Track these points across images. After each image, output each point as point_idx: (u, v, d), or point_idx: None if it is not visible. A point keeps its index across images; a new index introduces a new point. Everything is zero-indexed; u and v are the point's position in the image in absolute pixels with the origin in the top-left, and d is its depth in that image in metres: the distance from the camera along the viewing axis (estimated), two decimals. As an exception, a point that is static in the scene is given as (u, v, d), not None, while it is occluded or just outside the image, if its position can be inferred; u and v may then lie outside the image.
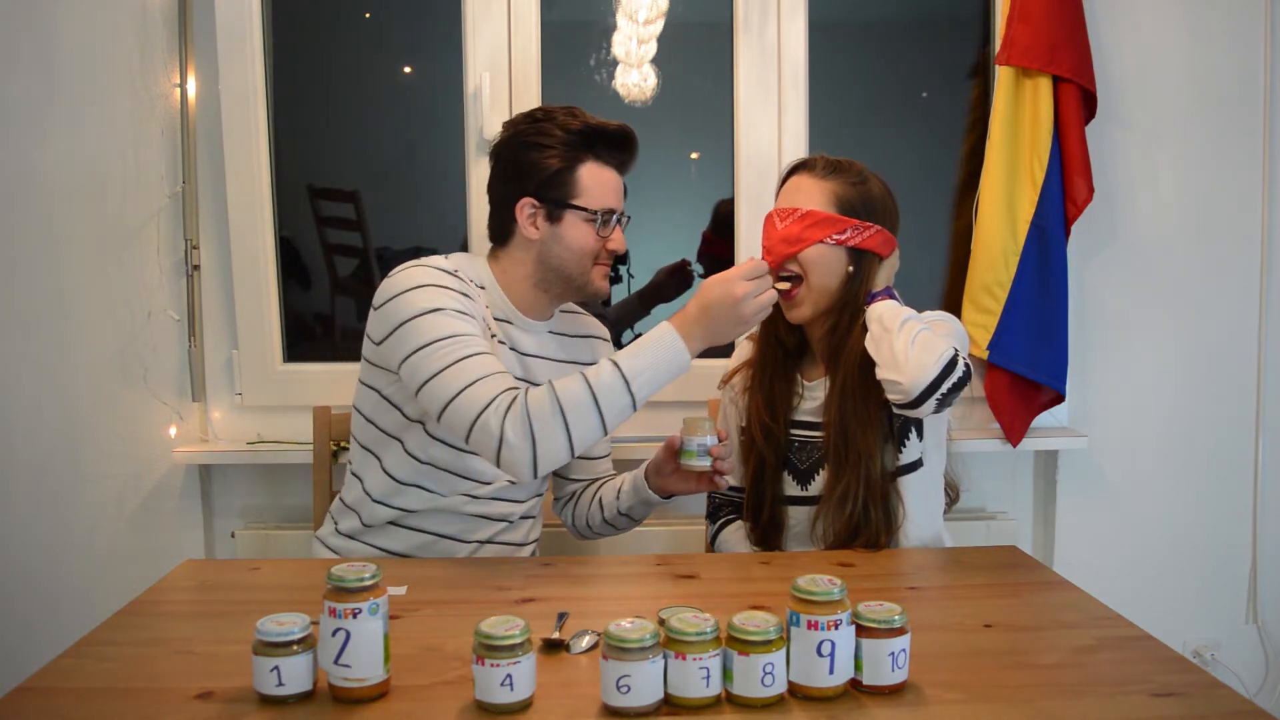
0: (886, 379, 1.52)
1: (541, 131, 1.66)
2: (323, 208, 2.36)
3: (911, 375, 1.48)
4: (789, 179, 1.72)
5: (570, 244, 1.68)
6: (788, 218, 1.65)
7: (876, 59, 2.50)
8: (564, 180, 1.66)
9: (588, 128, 1.67)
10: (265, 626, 1.08)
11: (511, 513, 1.74)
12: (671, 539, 2.19)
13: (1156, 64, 2.28)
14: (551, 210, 1.67)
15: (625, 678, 1.04)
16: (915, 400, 1.49)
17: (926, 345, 1.51)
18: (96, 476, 2.22)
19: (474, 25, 2.19)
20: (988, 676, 1.16)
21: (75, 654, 1.22)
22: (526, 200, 1.67)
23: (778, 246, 1.65)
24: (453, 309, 1.55)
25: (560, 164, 1.66)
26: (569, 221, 1.67)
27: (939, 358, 1.49)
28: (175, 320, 2.22)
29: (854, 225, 1.64)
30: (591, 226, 1.67)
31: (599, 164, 1.68)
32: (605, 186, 1.68)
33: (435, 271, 1.60)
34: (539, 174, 1.66)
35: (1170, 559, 2.37)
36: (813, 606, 1.08)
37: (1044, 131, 2.13)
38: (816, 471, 1.69)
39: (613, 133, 1.69)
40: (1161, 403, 2.36)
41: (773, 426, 1.71)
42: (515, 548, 1.77)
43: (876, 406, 1.61)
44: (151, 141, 2.17)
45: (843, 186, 1.66)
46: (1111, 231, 2.32)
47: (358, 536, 1.71)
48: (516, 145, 1.68)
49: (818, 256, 1.64)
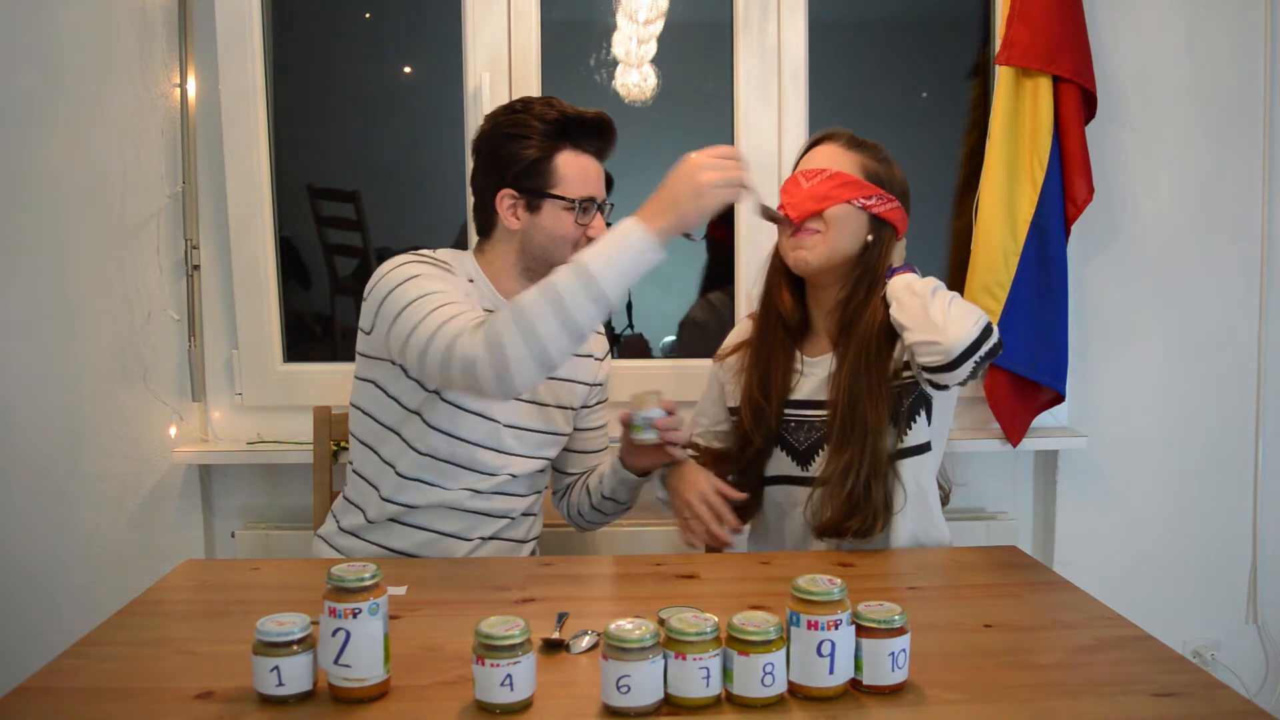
0: (922, 341, 1.51)
1: (518, 123, 1.67)
2: (323, 208, 2.36)
3: (952, 335, 1.48)
4: (815, 147, 1.72)
5: (551, 233, 1.68)
6: (814, 177, 1.66)
7: (876, 59, 2.50)
8: (542, 170, 1.66)
9: (564, 117, 1.67)
10: (265, 626, 1.08)
11: (513, 509, 1.74)
12: (671, 539, 2.19)
13: (1156, 64, 2.28)
14: (531, 200, 1.67)
15: (625, 678, 1.04)
16: (954, 362, 1.49)
17: (964, 307, 1.53)
18: (96, 476, 2.22)
19: (474, 25, 2.19)
20: (988, 676, 1.16)
21: (75, 654, 1.22)
22: (506, 191, 1.67)
23: (804, 203, 1.65)
24: (429, 274, 1.59)
25: (537, 153, 1.66)
26: (548, 210, 1.67)
27: (977, 320, 1.50)
28: (175, 320, 2.22)
29: (879, 194, 1.66)
30: (571, 215, 1.67)
31: (577, 152, 1.68)
32: (584, 174, 1.68)
33: (414, 256, 1.65)
34: (517, 164, 1.66)
35: (1170, 559, 2.37)
36: (813, 606, 1.08)
37: (1044, 131, 2.13)
38: (817, 451, 1.68)
39: (590, 121, 1.69)
40: (1161, 403, 2.36)
41: (764, 406, 1.70)
42: (517, 544, 1.77)
43: (887, 382, 1.61)
44: (151, 141, 2.17)
45: (869, 160, 1.68)
46: (1111, 231, 2.32)
47: (360, 534, 1.71)
48: (495, 137, 1.69)
49: (842, 215, 1.64)
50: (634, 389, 1.68)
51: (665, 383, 2.23)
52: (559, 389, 1.78)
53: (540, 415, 1.75)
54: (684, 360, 2.34)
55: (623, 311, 2.42)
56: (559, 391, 1.78)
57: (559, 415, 1.78)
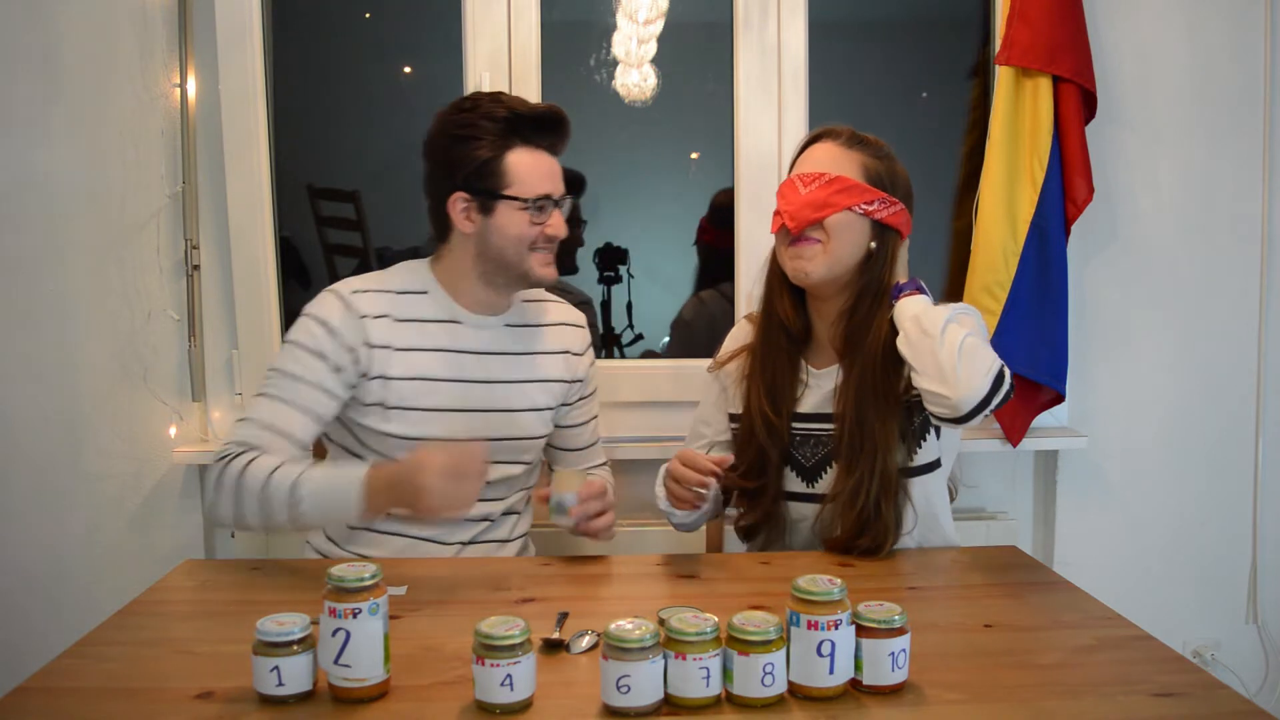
0: (931, 391, 1.45)
1: (466, 123, 1.63)
2: (323, 208, 2.36)
3: (962, 392, 1.42)
4: (812, 146, 1.64)
5: (506, 234, 1.64)
6: (812, 182, 1.58)
7: (876, 59, 2.50)
8: (493, 170, 1.62)
9: (513, 114, 1.62)
10: (265, 626, 1.08)
11: (491, 511, 1.73)
12: (671, 539, 2.19)
13: (1156, 64, 2.28)
14: (484, 202, 1.63)
15: (625, 678, 1.04)
16: (963, 417, 1.44)
17: (974, 356, 1.44)
18: (96, 476, 2.22)
19: (474, 25, 2.19)
20: (988, 676, 1.16)
21: (75, 654, 1.22)
22: (458, 194, 1.64)
23: (802, 211, 1.57)
24: (303, 345, 1.61)
25: (488, 154, 1.62)
26: (502, 211, 1.63)
27: (988, 371, 1.43)
28: (175, 320, 2.22)
29: (882, 198, 1.58)
30: (526, 214, 1.63)
31: (528, 149, 1.63)
32: (536, 172, 1.64)
33: (329, 302, 1.64)
34: (467, 166, 1.62)
35: (1170, 559, 2.37)
36: (813, 606, 1.08)
37: (1044, 131, 2.13)
38: (825, 468, 1.63)
39: (540, 116, 1.64)
40: (1161, 403, 2.36)
41: (775, 421, 1.63)
42: (500, 544, 1.76)
43: (896, 400, 1.55)
44: (151, 141, 2.17)
45: (871, 159, 1.60)
46: (1111, 231, 2.32)
47: (341, 543, 1.71)
48: (443, 139, 1.65)
49: (843, 224, 1.57)
50: (636, 389, 1.67)
51: (665, 382, 2.24)
52: (527, 391, 1.74)
53: (506, 422, 1.72)
54: (684, 360, 2.33)
55: (623, 313, 2.42)
56: (530, 394, 1.75)
57: (530, 419, 1.75)
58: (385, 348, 1.64)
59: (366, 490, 1.45)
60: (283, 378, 1.60)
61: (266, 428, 1.57)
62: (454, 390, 1.68)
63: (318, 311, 1.64)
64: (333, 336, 1.62)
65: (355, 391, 1.64)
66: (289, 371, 1.60)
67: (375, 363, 1.64)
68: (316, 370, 1.60)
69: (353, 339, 1.62)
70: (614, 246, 2.40)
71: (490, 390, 1.71)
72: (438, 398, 1.67)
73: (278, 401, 1.59)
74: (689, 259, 2.43)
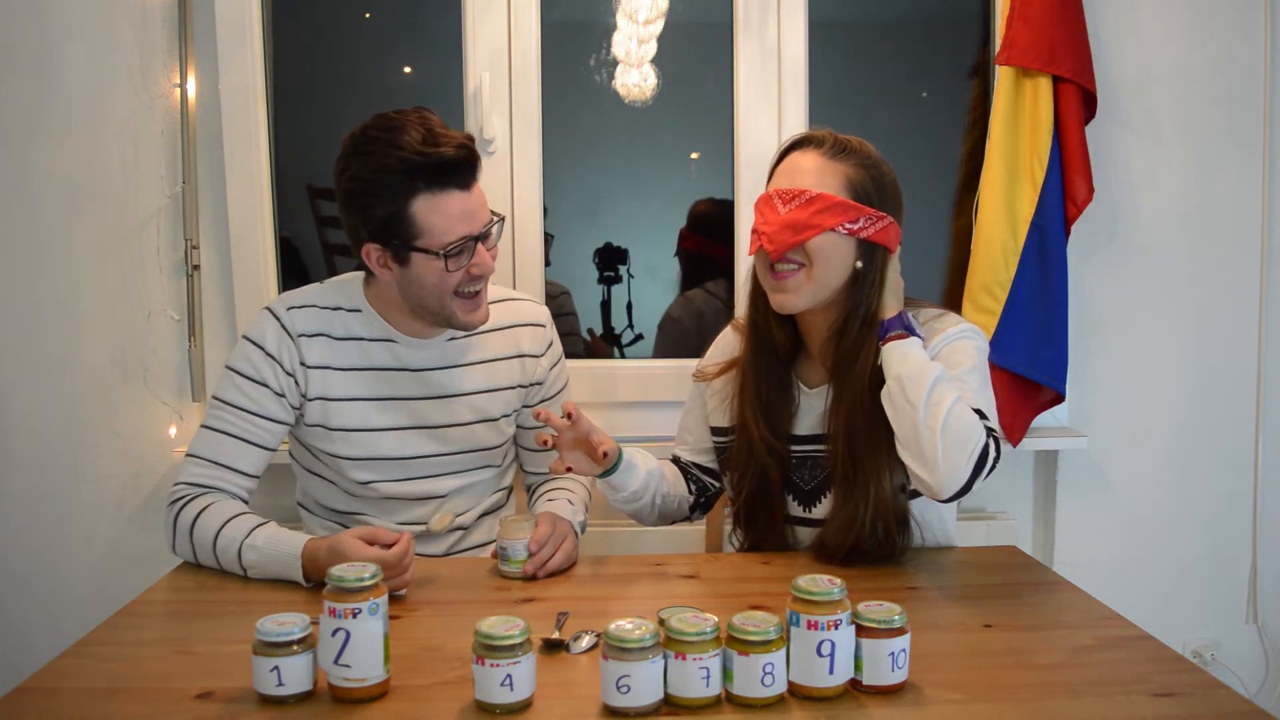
0: (912, 469, 1.39)
1: (362, 178, 1.51)
2: (323, 208, 2.36)
3: (943, 480, 1.36)
4: (790, 155, 1.52)
5: (424, 283, 1.54)
6: (791, 201, 1.46)
7: (876, 59, 2.50)
8: (400, 222, 1.50)
9: (407, 166, 1.48)
10: (265, 626, 1.08)
11: (462, 521, 1.73)
12: (671, 539, 2.19)
13: (1156, 64, 2.28)
14: (397, 253, 1.53)
15: (625, 678, 1.04)
16: (943, 500, 1.40)
17: (959, 437, 1.36)
18: (96, 476, 2.22)
19: (474, 25, 2.19)
20: (988, 676, 1.16)
21: (75, 654, 1.22)
22: (370, 245, 1.55)
23: (781, 234, 1.46)
24: (242, 373, 1.60)
25: (390, 208, 1.50)
26: (417, 262, 1.53)
27: (971, 454, 1.36)
28: (175, 320, 2.22)
29: (867, 214, 1.47)
30: (441, 263, 1.52)
31: (434, 193, 1.49)
32: (446, 217, 1.50)
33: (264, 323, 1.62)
34: (373, 221, 1.52)
35: (1170, 559, 2.37)
36: (813, 606, 1.08)
37: (1044, 131, 2.13)
38: (823, 493, 1.58)
39: (440, 161, 1.49)
40: (1161, 403, 2.36)
41: (775, 444, 1.57)
42: (480, 549, 1.76)
43: (887, 428, 1.45)
44: (151, 141, 2.17)
45: (855, 169, 1.48)
46: (1111, 231, 2.32)
47: None
48: (346, 193, 1.55)
49: (826, 246, 1.46)
50: (635, 390, 1.66)
51: (664, 383, 2.24)
52: (475, 403, 1.69)
53: (461, 435, 1.69)
54: (684, 360, 2.33)
55: (623, 313, 2.42)
56: (480, 405, 1.69)
57: (483, 430, 1.71)
58: (323, 368, 1.61)
59: (304, 563, 1.42)
60: (226, 409, 1.59)
61: (214, 464, 1.57)
62: (399, 409, 1.65)
63: (254, 335, 1.62)
64: (270, 361, 1.59)
65: (300, 411, 1.63)
66: (231, 402, 1.59)
67: (313, 384, 1.61)
68: (258, 398, 1.59)
69: (289, 362, 1.60)
70: (614, 246, 2.39)
71: (438, 405, 1.67)
72: (384, 418, 1.64)
73: (222, 435, 1.58)
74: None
